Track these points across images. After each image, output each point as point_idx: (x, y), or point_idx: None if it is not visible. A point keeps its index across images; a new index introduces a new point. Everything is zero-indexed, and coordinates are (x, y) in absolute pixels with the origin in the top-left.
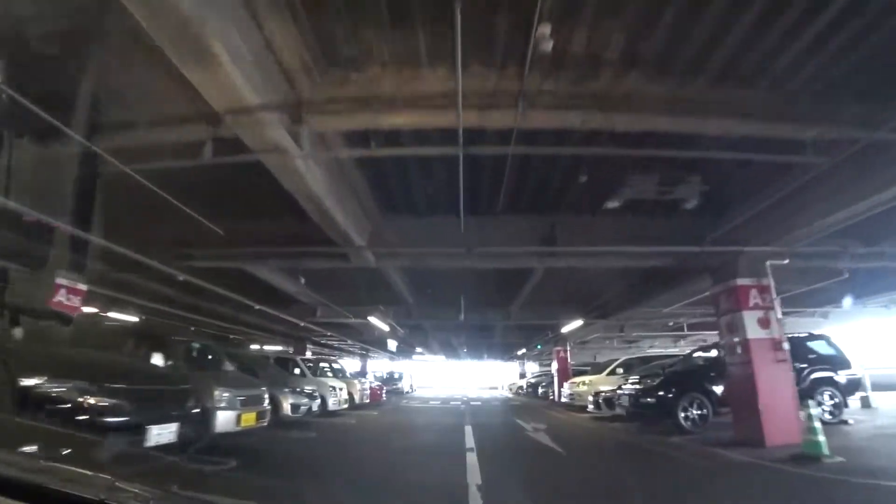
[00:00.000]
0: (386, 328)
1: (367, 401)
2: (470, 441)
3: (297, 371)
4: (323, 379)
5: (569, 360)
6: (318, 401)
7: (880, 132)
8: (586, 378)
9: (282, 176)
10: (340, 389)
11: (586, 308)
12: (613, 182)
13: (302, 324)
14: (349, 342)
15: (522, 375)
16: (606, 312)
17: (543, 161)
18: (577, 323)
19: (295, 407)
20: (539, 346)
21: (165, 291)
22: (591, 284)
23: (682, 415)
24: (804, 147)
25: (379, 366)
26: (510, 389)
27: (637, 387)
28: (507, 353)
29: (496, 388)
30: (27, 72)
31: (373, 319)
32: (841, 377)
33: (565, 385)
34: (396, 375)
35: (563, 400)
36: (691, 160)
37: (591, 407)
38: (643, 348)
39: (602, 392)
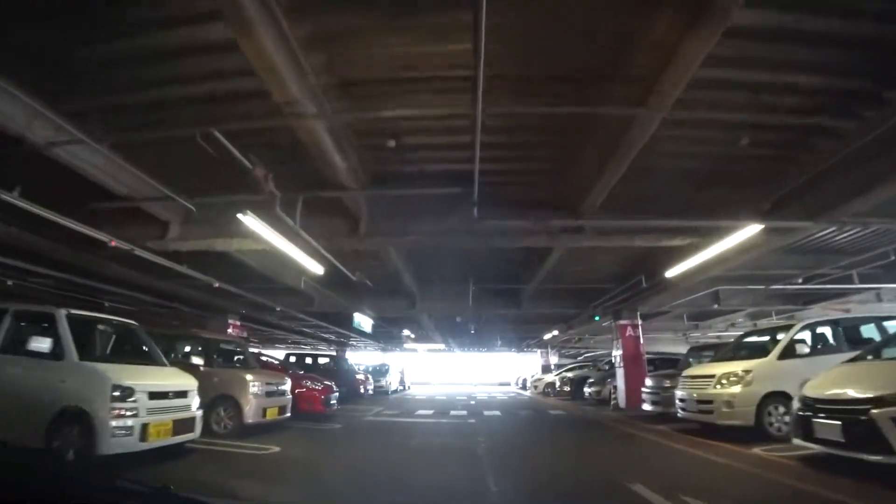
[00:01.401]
0: (303, 258)
1: (286, 414)
2: None
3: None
4: (95, 366)
5: (641, 341)
6: None
7: None
8: (739, 367)
9: None
10: (168, 395)
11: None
12: None
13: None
14: (283, 311)
15: (547, 368)
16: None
17: None
18: (748, 231)
19: None
20: (597, 318)
21: None
22: None
23: None
24: None
25: (373, 359)
26: (535, 387)
27: None
28: (531, 334)
29: (508, 385)
30: None
31: (252, 224)
32: None
33: (676, 386)
34: (385, 369)
35: (648, 408)
36: None
37: (800, 437)
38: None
39: (834, 400)
